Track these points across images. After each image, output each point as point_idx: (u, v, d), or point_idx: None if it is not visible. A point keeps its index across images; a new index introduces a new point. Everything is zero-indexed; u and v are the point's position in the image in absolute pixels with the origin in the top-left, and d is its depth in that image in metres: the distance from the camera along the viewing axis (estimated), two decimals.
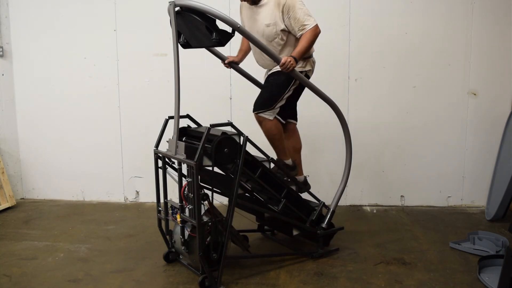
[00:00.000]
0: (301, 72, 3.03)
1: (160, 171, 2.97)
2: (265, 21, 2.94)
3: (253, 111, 3.05)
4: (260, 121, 3.04)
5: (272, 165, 3.08)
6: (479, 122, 4.16)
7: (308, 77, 3.12)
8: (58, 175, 4.56)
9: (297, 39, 2.96)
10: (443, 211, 4.15)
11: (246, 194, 3.06)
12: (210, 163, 2.62)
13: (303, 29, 2.90)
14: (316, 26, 2.91)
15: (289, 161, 3.20)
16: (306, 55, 3.00)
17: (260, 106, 3.01)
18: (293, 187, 3.15)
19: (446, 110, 4.16)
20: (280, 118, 3.11)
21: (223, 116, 4.06)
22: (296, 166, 3.27)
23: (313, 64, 3.14)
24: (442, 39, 4.09)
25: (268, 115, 3.01)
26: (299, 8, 2.88)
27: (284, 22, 2.91)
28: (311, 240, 3.28)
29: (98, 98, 4.41)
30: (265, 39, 2.98)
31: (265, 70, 3.24)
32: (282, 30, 2.94)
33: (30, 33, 4.41)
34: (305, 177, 3.36)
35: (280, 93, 3.00)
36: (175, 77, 2.67)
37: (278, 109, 3.05)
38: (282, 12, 2.89)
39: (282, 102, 3.04)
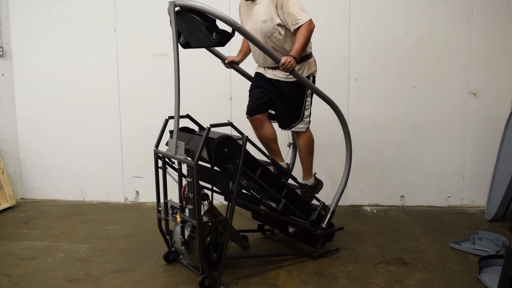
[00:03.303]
0: (309, 75, 3.06)
1: (160, 171, 2.97)
2: (262, 17, 2.94)
3: (284, 129, 3.11)
4: (297, 136, 3.11)
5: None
6: (479, 122, 4.16)
7: (315, 77, 3.14)
8: (58, 175, 4.56)
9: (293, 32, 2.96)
10: (443, 211, 4.15)
11: (243, 190, 3.06)
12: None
13: (296, 24, 2.88)
14: (310, 21, 2.89)
15: (311, 180, 3.27)
16: (304, 54, 3.00)
17: (288, 122, 3.07)
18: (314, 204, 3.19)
19: (446, 110, 4.16)
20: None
21: (223, 116, 4.06)
22: (319, 182, 3.34)
23: (315, 63, 3.15)
24: (442, 39, 4.09)
25: (300, 128, 3.06)
26: (293, 3, 2.88)
27: (278, 16, 2.92)
28: (307, 244, 3.27)
29: (98, 98, 4.41)
30: (263, 35, 2.98)
31: (258, 65, 3.24)
32: (279, 25, 2.94)
33: (31, 33, 4.41)
34: (315, 177, 3.35)
35: (301, 102, 3.05)
36: (175, 77, 2.67)
37: (308, 119, 3.09)
38: (276, 6, 2.89)
39: (309, 110, 3.09)
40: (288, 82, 3.03)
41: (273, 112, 3.20)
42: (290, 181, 3.25)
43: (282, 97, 3.09)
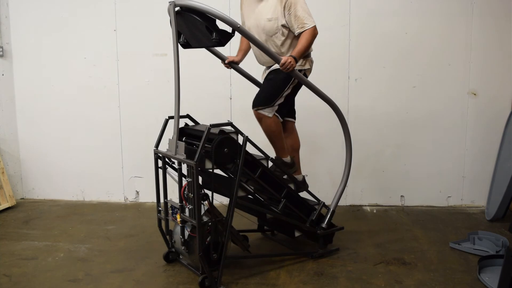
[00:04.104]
0: (299, 70, 3.03)
1: (160, 171, 2.97)
2: (267, 15, 2.95)
3: (252, 108, 3.06)
4: (260, 118, 3.05)
5: (270, 164, 3.08)
6: (479, 122, 4.16)
7: (306, 77, 3.12)
8: (58, 175, 4.56)
9: (296, 35, 2.96)
10: (443, 211, 4.15)
11: (249, 196, 3.05)
12: (211, 166, 2.63)
13: (302, 28, 2.91)
14: (315, 28, 2.93)
15: (287, 159, 3.21)
16: (305, 54, 3.00)
17: (259, 102, 3.03)
18: (292, 186, 3.15)
19: (446, 110, 4.16)
20: (278, 116, 3.12)
21: (223, 116, 4.06)
22: (295, 164, 3.28)
23: (311, 63, 3.14)
24: (442, 39, 4.09)
25: (268, 112, 3.02)
26: (301, 6, 2.90)
27: (284, 17, 2.92)
28: (312, 240, 3.27)
29: (98, 98, 4.41)
30: (266, 33, 2.99)
31: (264, 68, 3.25)
32: (283, 26, 2.95)
33: (30, 33, 4.41)
34: (303, 177, 3.36)
35: (280, 91, 3.02)
36: (175, 77, 2.67)
37: (277, 107, 3.06)
38: (284, 7, 2.90)
39: (281, 100, 3.05)
40: (278, 69, 3.01)
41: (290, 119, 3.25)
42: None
43: (267, 79, 3.11)
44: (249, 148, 2.76)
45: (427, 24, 4.08)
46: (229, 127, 2.72)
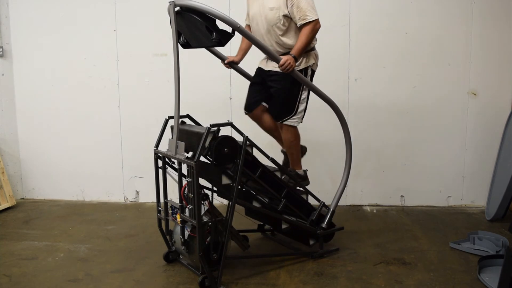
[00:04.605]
0: (306, 68, 3.03)
1: (160, 171, 2.97)
2: (270, 4, 2.95)
3: (276, 121, 3.08)
4: (283, 129, 3.08)
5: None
6: (479, 122, 4.16)
7: (313, 71, 3.12)
8: (58, 175, 4.56)
9: (298, 27, 2.96)
10: (443, 211, 4.15)
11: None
12: (228, 181, 2.68)
13: (304, 20, 2.89)
14: (317, 21, 2.91)
15: (300, 171, 3.24)
16: (308, 49, 3.00)
17: (281, 114, 3.05)
18: (304, 196, 3.18)
19: (446, 110, 4.16)
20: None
21: (223, 116, 4.05)
22: (307, 177, 3.32)
23: (316, 57, 3.12)
24: (442, 39, 4.09)
25: (294, 122, 3.05)
26: None
27: (287, 8, 2.92)
28: (300, 241, 3.27)
29: (98, 98, 4.41)
30: (267, 23, 2.99)
31: (263, 56, 3.21)
32: (285, 16, 2.94)
33: (30, 33, 4.41)
34: (305, 172, 3.36)
35: (296, 95, 3.02)
36: (175, 77, 2.67)
37: (303, 113, 3.07)
38: None
39: (304, 105, 3.06)
40: (285, 74, 3.01)
41: (266, 105, 3.20)
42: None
43: (277, 88, 3.08)
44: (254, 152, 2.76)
45: (427, 24, 4.07)
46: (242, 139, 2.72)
